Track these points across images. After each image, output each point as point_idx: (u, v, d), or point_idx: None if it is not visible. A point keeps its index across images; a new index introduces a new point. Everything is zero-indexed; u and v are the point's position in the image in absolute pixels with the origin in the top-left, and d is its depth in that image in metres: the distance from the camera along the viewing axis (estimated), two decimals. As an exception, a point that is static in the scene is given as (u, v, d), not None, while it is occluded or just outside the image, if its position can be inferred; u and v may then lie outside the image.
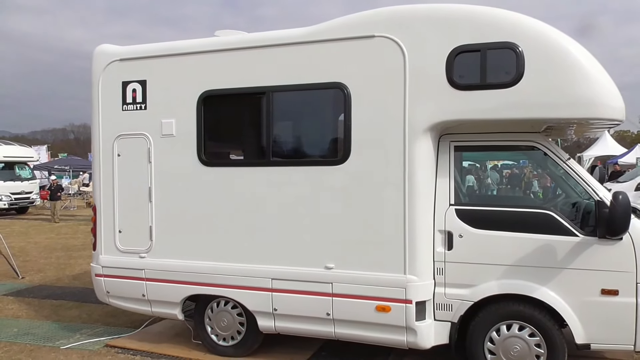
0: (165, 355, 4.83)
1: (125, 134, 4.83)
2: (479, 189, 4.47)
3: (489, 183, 4.72)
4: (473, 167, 22.89)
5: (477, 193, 4.34)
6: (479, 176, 17.67)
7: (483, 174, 8.84)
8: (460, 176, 4.19)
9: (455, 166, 4.13)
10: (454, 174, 4.11)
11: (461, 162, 4.33)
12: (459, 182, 4.12)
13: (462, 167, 4.30)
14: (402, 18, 3.97)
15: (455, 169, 4.12)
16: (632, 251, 3.66)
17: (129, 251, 4.85)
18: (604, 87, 3.62)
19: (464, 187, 4.42)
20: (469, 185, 17.66)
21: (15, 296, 7.22)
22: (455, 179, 4.10)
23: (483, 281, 3.96)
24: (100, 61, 4.90)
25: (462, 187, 4.15)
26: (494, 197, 4.31)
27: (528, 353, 3.88)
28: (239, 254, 4.46)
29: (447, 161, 4.13)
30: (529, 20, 3.76)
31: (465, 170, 4.47)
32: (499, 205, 4.09)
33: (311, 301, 4.23)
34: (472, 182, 18.43)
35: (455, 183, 4.09)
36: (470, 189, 4.36)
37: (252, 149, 4.51)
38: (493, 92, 3.75)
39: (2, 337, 5.44)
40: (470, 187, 4.37)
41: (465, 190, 4.18)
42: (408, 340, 4.04)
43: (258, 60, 4.36)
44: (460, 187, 4.12)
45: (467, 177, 17.45)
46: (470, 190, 4.26)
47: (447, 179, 4.10)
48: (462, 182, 4.26)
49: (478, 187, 5.14)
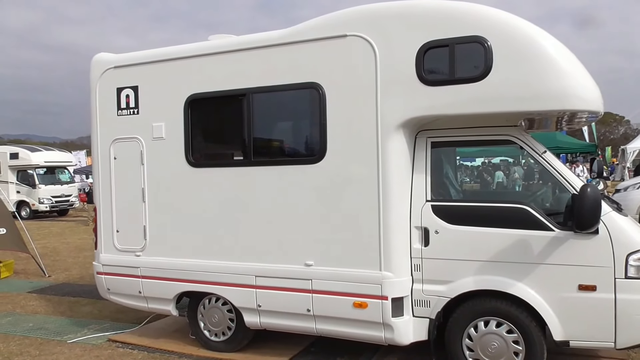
0: (161, 350, 5.03)
1: (121, 137, 5.05)
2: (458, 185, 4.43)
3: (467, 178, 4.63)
4: (505, 162, 22.09)
5: (454, 188, 4.30)
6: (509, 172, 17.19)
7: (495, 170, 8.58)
8: (439, 172, 4.16)
9: (433, 162, 4.11)
10: (431, 170, 4.09)
11: (443, 158, 4.29)
12: (435, 177, 4.09)
13: (444, 162, 4.27)
14: (373, 16, 4.00)
15: (432, 164, 4.10)
16: (609, 246, 3.56)
17: (125, 250, 5.08)
18: (574, 78, 3.54)
19: (450, 182, 4.37)
20: (498, 181, 17.16)
21: (39, 293, 7.64)
22: (431, 175, 4.09)
23: (459, 277, 3.93)
24: (97, 69, 5.15)
25: (439, 182, 4.12)
26: (469, 193, 4.26)
27: (506, 350, 3.83)
28: (225, 252, 4.59)
29: (424, 157, 4.12)
30: (497, 13, 3.71)
31: (448, 165, 4.43)
32: (474, 200, 4.05)
33: (292, 297, 4.32)
34: (501, 178, 17.95)
35: (431, 179, 4.08)
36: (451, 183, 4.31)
37: (235, 149, 4.63)
38: (462, 87, 3.72)
39: (18, 331, 5.79)
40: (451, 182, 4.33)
41: (443, 186, 4.15)
42: (386, 336, 4.06)
43: (238, 63, 4.48)
44: (437, 183, 4.09)
45: (497, 174, 16.94)
46: (447, 186, 4.23)
47: (424, 175, 4.09)
48: (443, 178, 4.22)
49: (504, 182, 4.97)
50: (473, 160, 25.14)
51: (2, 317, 6.41)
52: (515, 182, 12.76)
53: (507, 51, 3.61)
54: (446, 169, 4.26)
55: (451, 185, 4.25)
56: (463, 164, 16.85)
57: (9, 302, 7.15)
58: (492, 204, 3.99)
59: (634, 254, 3.53)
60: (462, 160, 18.58)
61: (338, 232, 4.15)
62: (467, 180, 13.27)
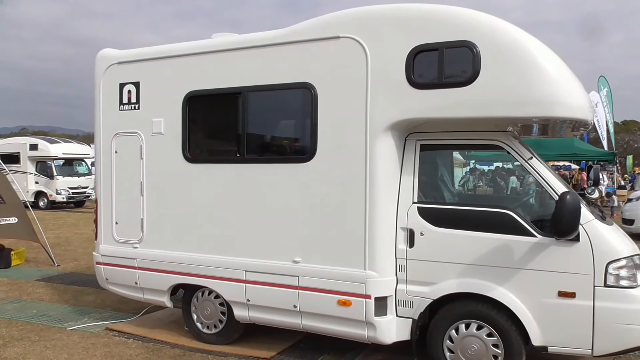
0: (155, 340, 5.16)
1: (122, 132, 5.20)
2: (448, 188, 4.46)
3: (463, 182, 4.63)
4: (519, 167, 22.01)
5: (441, 191, 4.33)
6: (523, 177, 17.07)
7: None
8: (427, 174, 4.20)
9: (422, 164, 4.16)
10: (419, 172, 4.14)
11: (432, 161, 4.33)
12: (423, 180, 4.14)
13: (433, 165, 4.30)
14: (365, 19, 4.06)
15: (420, 167, 4.15)
16: (589, 253, 3.57)
17: (123, 241, 5.24)
18: (561, 85, 3.55)
19: (439, 185, 4.40)
20: (512, 187, 16.84)
21: (46, 282, 7.87)
22: (419, 177, 4.14)
23: (442, 279, 3.98)
24: (101, 65, 5.31)
25: (427, 185, 4.17)
26: (456, 196, 4.29)
27: (485, 353, 3.86)
28: (218, 246, 4.71)
29: (413, 159, 4.17)
30: (487, 18, 3.74)
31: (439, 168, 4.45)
32: (460, 203, 4.09)
33: (280, 293, 4.41)
34: (514, 184, 17.71)
35: (419, 181, 4.13)
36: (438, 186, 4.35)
37: (230, 146, 4.73)
38: (450, 91, 3.77)
39: (22, 317, 6.00)
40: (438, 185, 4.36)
41: (431, 188, 4.19)
42: (368, 335, 4.12)
43: (235, 62, 4.59)
44: (424, 185, 4.14)
45: (511, 179, 16.70)
46: (434, 188, 4.26)
47: (412, 177, 4.14)
48: (431, 180, 4.26)
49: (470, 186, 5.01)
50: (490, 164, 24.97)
51: (9, 303, 6.63)
52: (530, 187, 12.60)
53: (495, 57, 3.64)
54: (436, 171, 4.29)
55: (439, 188, 4.29)
56: (478, 168, 16.86)
57: (17, 289, 7.39)
58: (477, 208, 4.03)
59: (614, 263, 3.54)
60: (477, 164, 18.64)
61: (325, 231, 4.23)
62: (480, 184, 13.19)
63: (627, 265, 3.57)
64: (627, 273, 3.56)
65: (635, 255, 3.66)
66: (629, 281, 3.56)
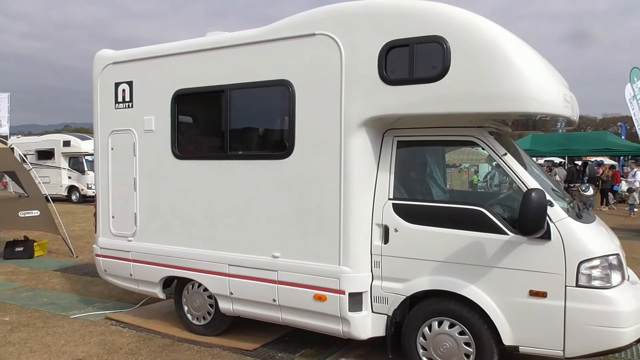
0: (149, 330, 5.35)
1: (117, 129, 5.39)
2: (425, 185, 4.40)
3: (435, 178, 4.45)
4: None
5: (416, 188, 4.29)
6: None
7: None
8: (404, 171, 4.17)
9: (398, 161, 4.14)
10: (395, 169, 4.12)
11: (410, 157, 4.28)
12: (399, 176, 4.12)
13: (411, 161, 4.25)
14: (340, 16, 4.06)
15: (397, 163, 4.13)
16: (561, 252, 3.48)
17: (119, 235, 5.43)
18: (531, 80, 3.46)
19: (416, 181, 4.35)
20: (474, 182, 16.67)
21: (62, 272, 8.24)
22: (395, 174, 4.12)
23: (416, 276, 3.96)
24: (98, 65, 5.51)
25: (403, 181, 4.14)
26: (430, 192, 4.24)
27: (457, 351, 3.83)
28: (203, 240, 4.83)
29: (389, 156, 4.15)
30: (458, 12, 3.68)
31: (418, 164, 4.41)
32: (433, 200, 4.05)
33: (260, 287, 4.49)
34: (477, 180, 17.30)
35: (395, 177, 4.11)
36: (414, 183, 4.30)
37: (214, 143, 4.84)
38: (420, 87, 3.74)
39: (32, 305, 6.32)
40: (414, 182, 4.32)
41: (406, 185, 4.16)
42: (343, 330, 4.15)
43: (218, 61, 4.67)
44: (400, 182, 4.12)
45: (474, 176, 16.40)
46: (410, 185, 4.23)
47: (388, 173, 4.13)
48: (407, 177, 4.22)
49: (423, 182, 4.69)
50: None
51: (24, 292, 7.00)
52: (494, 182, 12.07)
53: (465, 52, 3.58)
54: (413, 168, 4.25)
55: (416, 184, 4.24)
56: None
57: (34, 279, 7.78)
58: (450, 205, 3.98)
59: (586, 262, 3.44)
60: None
61: (302, 226, 4.27)
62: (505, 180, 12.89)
63: (600, 265, 3.47)
64: (600, 273, 3.46)
65: (611, 255, 3.55)
66: (602, 282, 3.46)
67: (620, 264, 3.61)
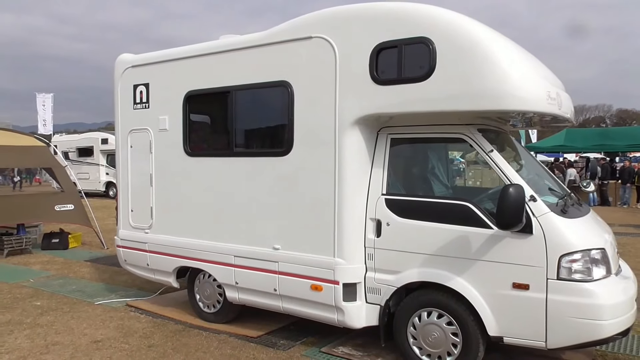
0: (164, 316, 5.70)
1: (135, 128, 5.76)
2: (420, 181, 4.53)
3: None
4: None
5: (408, 183, 4.43)
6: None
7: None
8: (397, 167, 4.32)
9: (392, 157, 4.29)
10: (388, 165, 4.28)
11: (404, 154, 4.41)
12: (393, 172, 4.27)
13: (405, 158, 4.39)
14: (334, 19, 4.25)
15: (390, 160, 4.29)
16: (543, 246, 3.57)
17: (137, 227, 5.81)
18: (514, 78, 3.56)
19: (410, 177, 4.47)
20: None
21: (92, 262, 8.77)
22: (388, 170, 4.28)
23: (406, 268, 4.12)
24: (119, 68, 5.88)
25: (396, 177, 4.29)
26: (420, 188, 4.37)
27: (444, 340, 3.97)
28: (212, 232, 5.13)
29: (383, 153, 4.32)
30: (444, 13, 3.81)
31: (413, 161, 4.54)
32: (422, 195, 4.18)
33: (262, 277, 4.74)
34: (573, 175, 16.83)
35: (388, 173, 4.27)
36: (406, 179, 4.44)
37: (221, 141, 5.12)
38: (408, 87, 3.89)
39: (62, 291, 6.81)
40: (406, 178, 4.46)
41: (398, 181, 4.31)
42: (338, 319, 4.35)
43: (225, 63, 4.95)
44: (393, 178, 4.27)
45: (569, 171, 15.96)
46: (402, 181, 4.37)
47: (382, 169, 4.30)
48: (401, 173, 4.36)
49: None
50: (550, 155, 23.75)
51: (56, 279, 7.52)
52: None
53: (450, 52, 3.71)
54: (405, 164, 4.40)
55: (408, 180, 4.38)
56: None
57: (66, 268, 8.32)
58: (438, 200, 4.11)
59: (567, 256, 3.52)
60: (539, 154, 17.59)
61: (300, 220, 4.50)
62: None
63: (582, 259, 3.54)
64: (581, 267, 3.53)
65: (594, 250, 3.61)
66: (583, 275, 3.53)
67: (604, 258, 3.67)
